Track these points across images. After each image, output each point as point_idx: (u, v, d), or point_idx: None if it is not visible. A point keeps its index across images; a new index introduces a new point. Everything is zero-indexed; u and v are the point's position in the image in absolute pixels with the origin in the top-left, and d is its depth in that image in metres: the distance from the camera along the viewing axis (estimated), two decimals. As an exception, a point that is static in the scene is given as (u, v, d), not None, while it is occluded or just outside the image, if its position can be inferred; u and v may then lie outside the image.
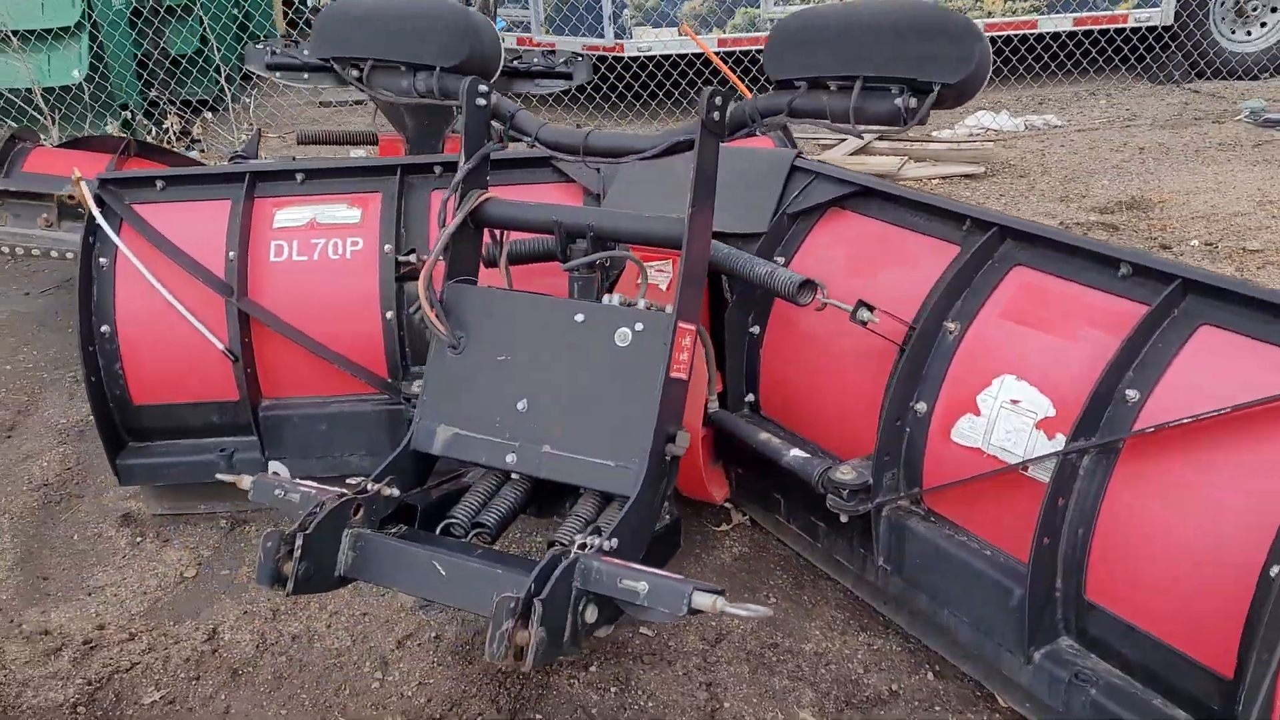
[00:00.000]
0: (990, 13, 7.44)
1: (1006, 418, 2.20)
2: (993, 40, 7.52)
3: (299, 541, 2.10)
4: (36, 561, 3.10)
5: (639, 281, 2.76)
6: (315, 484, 2.32)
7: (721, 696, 2.45)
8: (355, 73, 2.69)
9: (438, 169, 3.10)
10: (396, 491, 2.34)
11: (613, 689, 2.48)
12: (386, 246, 3.01)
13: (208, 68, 7.53)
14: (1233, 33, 7.72)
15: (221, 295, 2.96)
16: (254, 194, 3.06)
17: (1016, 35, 7.48)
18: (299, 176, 3.09)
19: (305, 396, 3.07)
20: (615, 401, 2.27)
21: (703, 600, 1.89)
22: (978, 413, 2.26)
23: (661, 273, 2.78)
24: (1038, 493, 2.12)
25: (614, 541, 2.09)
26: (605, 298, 2.40)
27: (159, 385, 3.05)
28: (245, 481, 2.37)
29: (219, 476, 2.45)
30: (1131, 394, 2.00)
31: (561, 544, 2.25)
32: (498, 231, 2.62)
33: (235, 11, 8.37)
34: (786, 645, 2.61)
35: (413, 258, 2.87)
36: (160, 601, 2.89)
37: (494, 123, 2.57)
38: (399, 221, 3.02)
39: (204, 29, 7.29)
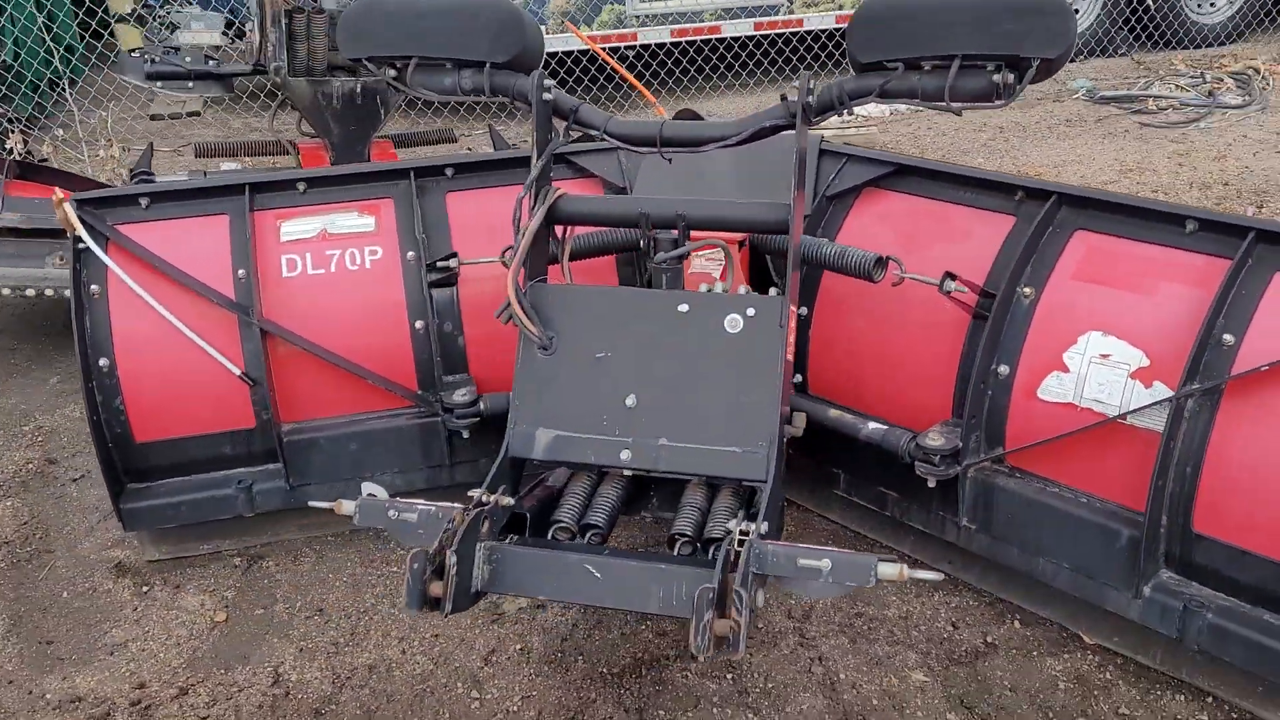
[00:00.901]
0: (841, 4, 7.80)
1: (1098, 372, 2.35)
2: (840, 31, 7.88)
3: (452, 560, 2.00)
4: (31, 626, 2.78)
5: (692, 269, 2.77)
6: (427, 501, 2.21)
7: (835, 669, 2.50)
8: (392, 72, 2.56)
9: (449, 170, 2.99)
10: (511, 500, 2.27)
11: (728, 676, 2.49)
12: (410, 254, 2.88)
13: (19, 83, 6.89)
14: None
15: (237, 316, 2.76)
16: (253, 206, 2.86)
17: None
18: (300, 186, 2.91)
19: (331, 417, 2.89)
20: (732, 388, 2.27)
21: (889, 570, 1.94)
22: (1066, 370, 2.39)
23: (712, 260, 2.79)
24: (1138, 439, 2.28)
25: (766, 525, 2.10)
26: (703, 286, 2.40)
27: (163, 419, 2.81)
28: (346, 506, 2.23)
29: (312, 504, 2.29)
30: (1228, 339, 2.18)
31: (684, 535, 2.26)
32: (557, 229, 2.56)
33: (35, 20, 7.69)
34: (870, 613, 2.68)
35: (453, 263, 2.77)
36: (199, 650, 2.67)
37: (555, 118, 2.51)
38: (419, 227, 2.89)
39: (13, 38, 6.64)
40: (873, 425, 2.63)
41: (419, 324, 2.87)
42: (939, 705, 2.40)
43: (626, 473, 2.35)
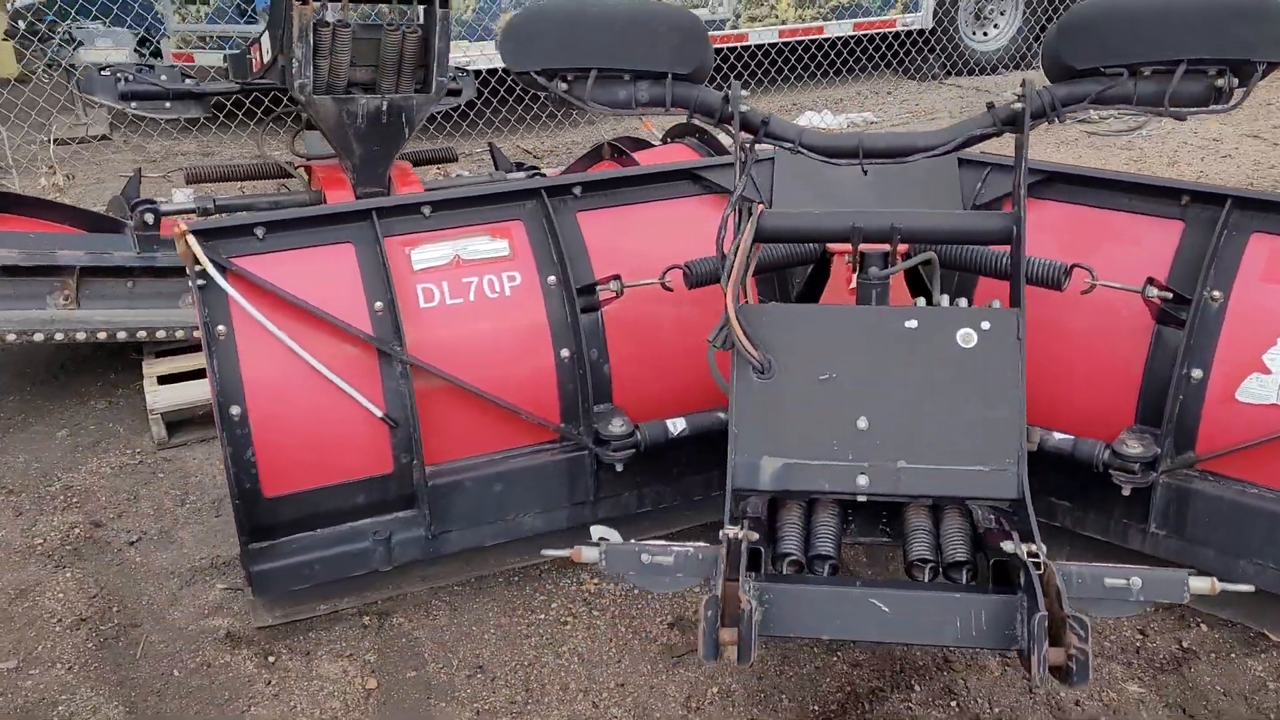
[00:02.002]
0: (784, 20, 7.86)
1: (1301, 373, 2.37)
2: (787, 45, 7.95)
3: (751, 604, 1.86)
4: (150, 713, 2.47)
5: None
6: (676, 542, 2.06)
7: (1054, 689, 2.44)
8: (563, 85, 2.39)
9: (577, 189, 2.82)
10: (756, 535, 2.13)
11: (952, 703, 2.40)
12: (550, 278, 2.70)
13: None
14: (974, 34, 8.71)
15: (375, 352, 2.53)
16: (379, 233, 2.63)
17: (807, 40, 7.96)
18: (425, 209, 2.70)
19: (473, 457, 2.68)
20: (970, 404, 2.20)
21: (1200, 584, 1.90)
22: (1267, 371, 2.41)
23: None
24: (1351, 436, 2.32)
25: (1044, 545, 2.03)
26: (923, 300, 2.32)
27: (295, 469, 2.54)
28: (587, 553, 2.05)
29: (545, 553, 2.10)
30: None
31: (925, 560, 2.18)
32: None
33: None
34: (1055, 627, 2.64)
35: (614, 285, 2.61)
36: (363, 723, 2.42)
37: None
38: (557, 250, 2.72)
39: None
40: (1059, 435, 2.59)
41: (564, 352, 2.69)
42: (1163, 716, 2.38)
43: (860, 499, 2.24)
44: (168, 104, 4.58)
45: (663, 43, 2.36)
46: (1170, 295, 2.45)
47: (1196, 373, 2.49)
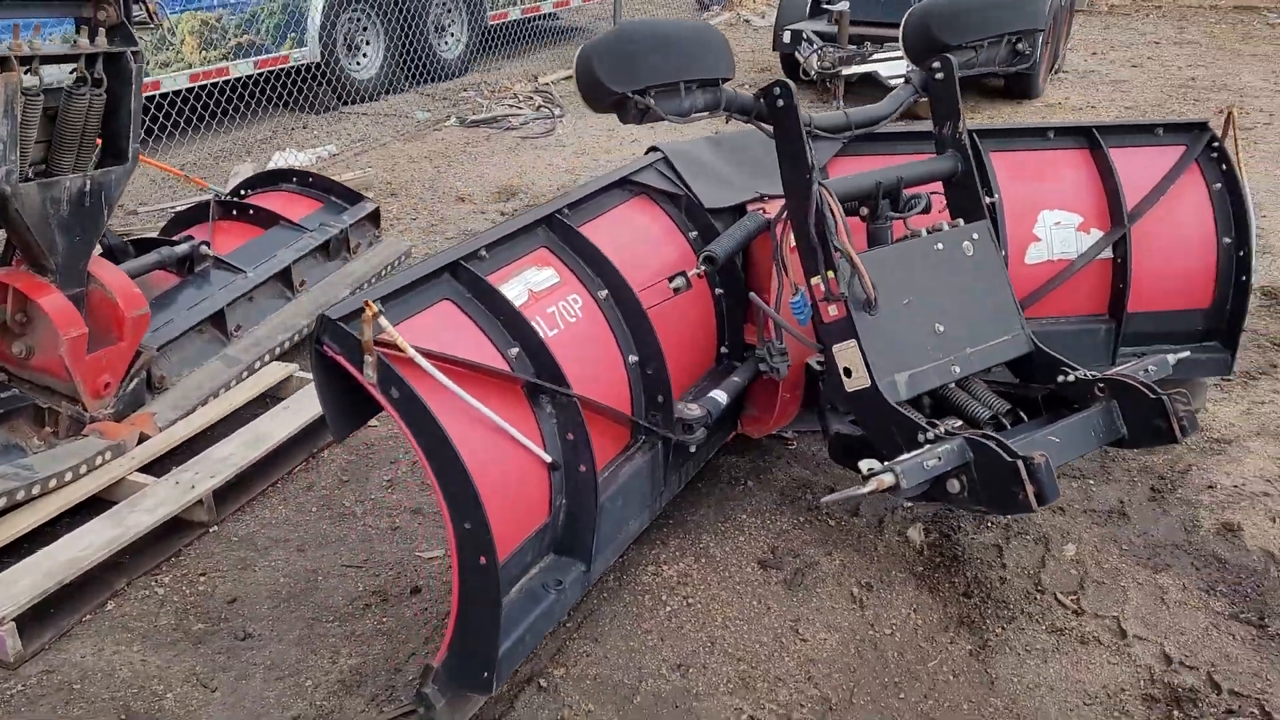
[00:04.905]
0: (190, 63, 7.35)
1: (1057, 235, 3.60)
2: (190, 90, 7.44)
3: (1043, 455, 2.46)
4: None
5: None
6: (923, 448, 2.55)
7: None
8: (650, 100, 2.55)
9: (566, 209, 2.92)
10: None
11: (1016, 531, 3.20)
12: (601, 293, 2.81)
13: None
14: (352, 63, 9.01)
15: (546, 394, 2.49)
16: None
17: (218, 82, 7.54)
18: (483, 253, 2.61)
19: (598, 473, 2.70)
20: (984, 294, 3.01)
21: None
22: (1039, 240, 3.59)
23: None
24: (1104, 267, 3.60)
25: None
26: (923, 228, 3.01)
27: (500, 538, 2.36)
28: (886, 480, 2.45)
29: (840, 495, 2.43)
30: (1124, 194, 3.61)
31: (993, 416, 2.95)
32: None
33: None
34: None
35: (679, 281, 2.84)
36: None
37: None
38: (592, 265, 2.83)
39: None
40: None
41: (632, 358, 2.83)
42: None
43: (952, 384, 2.90)
44: None
45: (717, 54, 2.68)
46: (991, 200, 3.49)
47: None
